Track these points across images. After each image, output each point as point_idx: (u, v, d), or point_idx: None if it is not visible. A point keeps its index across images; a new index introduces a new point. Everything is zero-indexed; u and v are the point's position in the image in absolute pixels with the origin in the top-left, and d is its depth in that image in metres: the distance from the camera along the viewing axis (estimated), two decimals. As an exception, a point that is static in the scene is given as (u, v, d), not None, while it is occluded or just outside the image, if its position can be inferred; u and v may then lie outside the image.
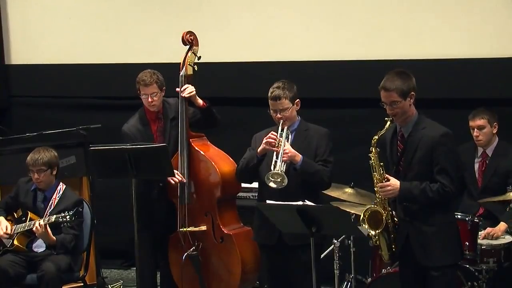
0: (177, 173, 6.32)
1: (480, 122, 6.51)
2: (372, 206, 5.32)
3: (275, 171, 5.56)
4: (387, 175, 5.23)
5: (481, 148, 6.58)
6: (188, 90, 6.37)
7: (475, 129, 6.51)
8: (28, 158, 6.62)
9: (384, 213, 5.26)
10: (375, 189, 5.27)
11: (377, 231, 5.25)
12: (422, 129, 5.23)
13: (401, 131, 5.30)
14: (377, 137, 5.24)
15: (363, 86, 7.46)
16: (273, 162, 5.60)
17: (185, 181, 6.33)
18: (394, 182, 5.20)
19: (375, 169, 5.24)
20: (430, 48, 7.37)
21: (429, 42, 7.39)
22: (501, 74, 7.17)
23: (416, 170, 5.20)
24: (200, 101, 6.42)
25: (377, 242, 5.32)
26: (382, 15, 7.54)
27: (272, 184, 5.56)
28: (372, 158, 5.23)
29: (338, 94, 7.69)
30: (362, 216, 5.28)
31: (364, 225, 5.26)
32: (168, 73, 6.62)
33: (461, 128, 6.52)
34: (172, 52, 6.85)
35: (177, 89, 6.42)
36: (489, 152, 6.56)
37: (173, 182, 6.32)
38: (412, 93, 5.22)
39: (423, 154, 5.18)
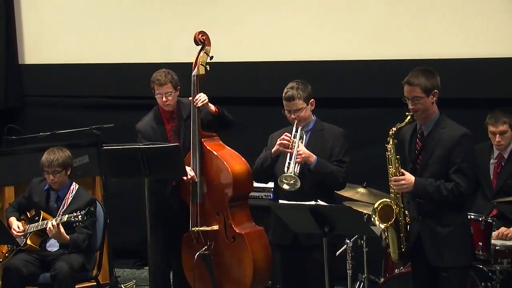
0: (189, 170, 6.32)
1: (503, 127, 6.39)
2: (386, 200, 5.29)
3: (288, 173, 5.55)
4: (402, 170, 5.20)
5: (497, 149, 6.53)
6: (201, 99, 6.37)
7: (497, 135, 6.38)
8: (43, 158, 6.59)
9: (396, 208, 5.24)
10: (390, 183, 5.25)
11: (386, 225, 5.23)
12: (442, 128, 5.21)
13: (421, 129, 5.28)
14: (395, 128, 5.21)
15: (376, 86, 7.46)
16: (286, 164, 5.59)
17: (196, 179, 6.33)
18: (409, 177, 5.17)
19: (390, 162, 5.21)
20: (443, 48, 7.34)
21: (442, 41, 7.36)
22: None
23: (433, 169, 5.18)
24: (212, 108, 6.42)
25: (386, 239, 5.30)
26: (395, 14, 7.52)
27: (285, 186, 5.55)
28: (389, 149, 5.20)
29: (351, 93, 7.67)
30: (374, 206, 5.24)
31: (374, 216, 5.21)
32: (180, 72, 6.63)
33: (473, 127, 6.44)
34: (184, 51, 6.85)
35: (190, 98, 6.43)
36: (505, 154, 6.45)
37: (185, 178, 6.32)
38: (436, 91, 5.21)
39: (441, 153, 5.16)
